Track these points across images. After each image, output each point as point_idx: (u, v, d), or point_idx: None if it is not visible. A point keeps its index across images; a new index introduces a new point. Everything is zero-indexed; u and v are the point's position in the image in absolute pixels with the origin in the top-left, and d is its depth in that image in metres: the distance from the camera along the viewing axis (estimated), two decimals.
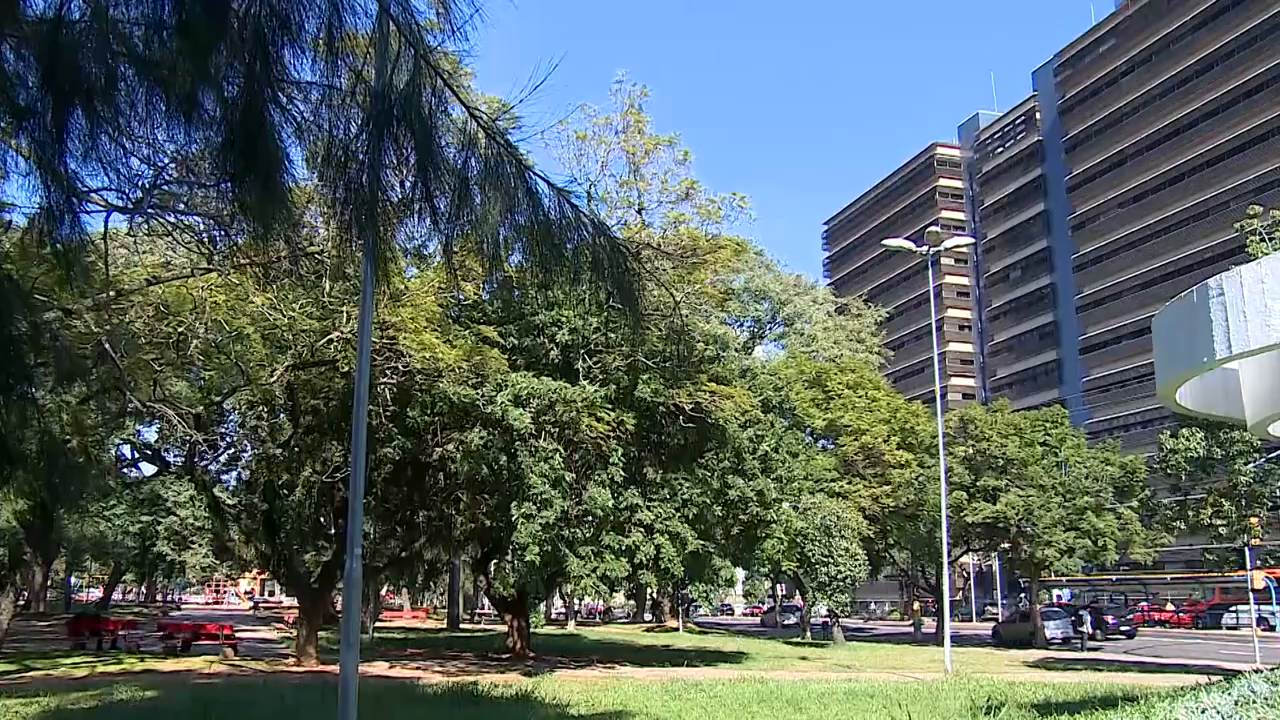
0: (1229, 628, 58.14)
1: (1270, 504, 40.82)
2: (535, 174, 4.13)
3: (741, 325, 68.20)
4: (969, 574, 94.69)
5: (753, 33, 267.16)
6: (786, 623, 73.25)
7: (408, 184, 4.09)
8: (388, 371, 23.72)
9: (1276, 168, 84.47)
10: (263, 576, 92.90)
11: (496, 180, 4.00)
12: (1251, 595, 46.64)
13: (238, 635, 34.70)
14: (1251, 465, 36.64)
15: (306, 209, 14.33)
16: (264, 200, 4.06)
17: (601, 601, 74.44)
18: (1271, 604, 48.03)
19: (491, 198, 3.99)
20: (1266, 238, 34.84)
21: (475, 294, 28.01)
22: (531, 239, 4.09)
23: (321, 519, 33.59)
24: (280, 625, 53.90)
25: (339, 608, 33.90)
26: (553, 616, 76.82)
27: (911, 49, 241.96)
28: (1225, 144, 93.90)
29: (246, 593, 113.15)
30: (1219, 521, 38.64)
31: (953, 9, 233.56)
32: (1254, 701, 9.17)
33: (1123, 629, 55.16)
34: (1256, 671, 11.85)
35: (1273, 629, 49.17)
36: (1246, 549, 42.36)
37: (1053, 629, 51.52)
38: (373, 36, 3.97)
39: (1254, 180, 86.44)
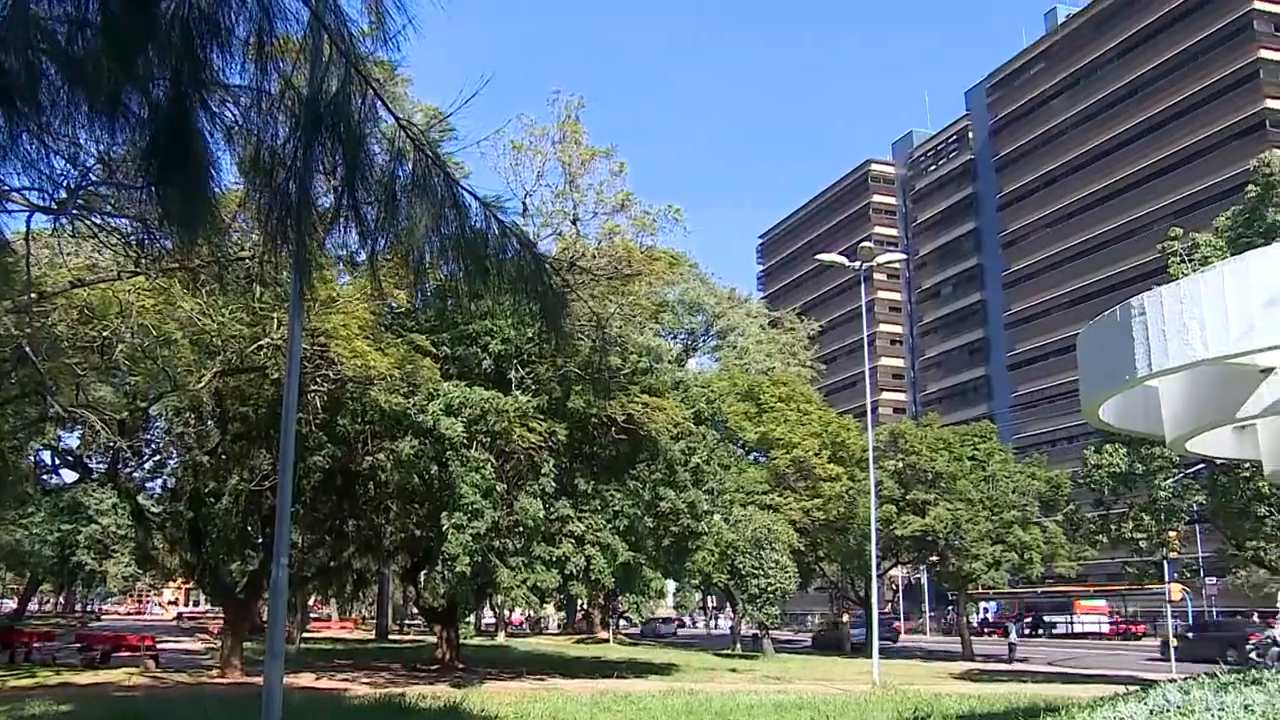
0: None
1: (1187, 518, 41.66)
2: (463, 187, 4.12)
3: (675, 338, 68.34)
4: (898, 586, 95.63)
5: (691, 47, 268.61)
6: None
7: (336, 193, 4.06)
8: (318, 379, 23.46)
9: (1198, 191, 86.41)
10: (187, 586, 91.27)
11: (424, 192, 3.97)
12: (1168, 607, 47.64)
13: (160, 646, 33.81)
14: (1170, 481, 37.34)
15: (238, 214, 14.16)
16: (191, 205, 4.00)
17: (532, 612, 74.10)
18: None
19: (419, 210, 3.96)
20: (1186, 259, 35.60)
21: (408, 302, 27.80)
22: (457, 252, 4.06)
23: (249, 528, 33.07)
24: (205, 636, 52.96)
25: (265, 618, 33.42)
26: (482, 627, 76.32)
27: (848, 66, 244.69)
28: (1150, 167, 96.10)
29: (170, 603, 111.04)
30: (1139, 535, 39.34)
31: (890, 29, 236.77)
32: (1168, 711, 9.36)
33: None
34: (1171, 681, 12.10)
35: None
36: (1165, 562, 43.21)
37: (857, 635, 54.92)
38: (304, 43, 3.93)
39: (1177, 203, 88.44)
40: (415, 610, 59.73)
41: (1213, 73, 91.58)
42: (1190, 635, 52.10)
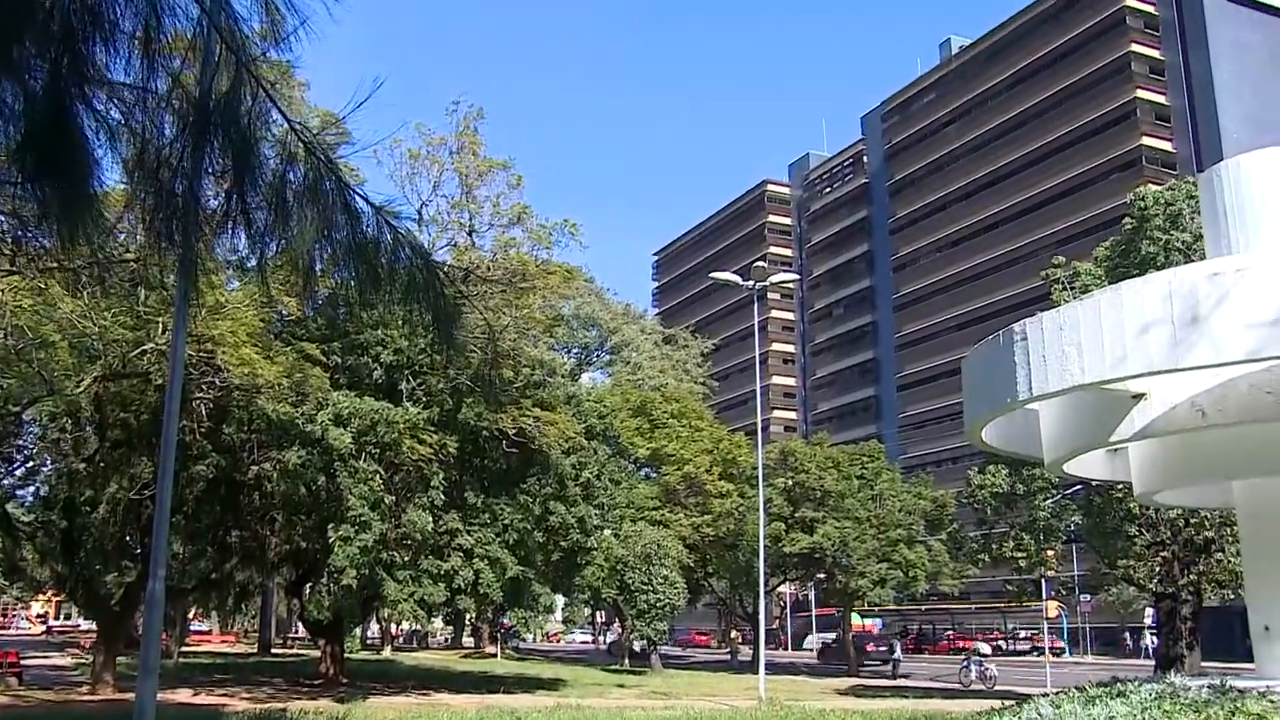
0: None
1: (1064, 538, 42.80)
2: (356, 192, 4.06)
3: (569, 352, 68.27)
4: (786, 603, 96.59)
5: (595, 64, 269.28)
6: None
7: (225, 196, 3.96)
8: (204, 386, 22.93)
9: (1080, 221, 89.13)
10: (58, 599, 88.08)
11: (316, 197, 3.90)
12: (1045, 623, 48.98)
13: (25, 663, 32.19)
14: (1049, 501, 38.32)
15: (125, 214, 13.77)
16: (71, 203, 3.88)
17: (419, 626, 73.19)
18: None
19: (310, 215, 3.89)
20: (1068, 287, 36.63)
21: (298, 310, 27.35)
22: (349, 258, 4.00)
23: (127, 538, 32.05)
24: (75, 651, 51.14)
25: (142, 632, 32.40)
26: (368, 641, 75.11)
27: (747, 88, 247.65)
28: (1036, 196, 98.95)
29: (39, 616, 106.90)
30: (1019, 554, 40.27)
31: (788, 53, 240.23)
32: None
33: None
34: (1043, 696, 12.42)
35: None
36: (1043, 580, 44.35)
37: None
38: (194, 41, 3.84)
39: (1061, 232, 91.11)
40: (299, 624, 58.63)
41: (1095, 109, 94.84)
42: (832, 645, 63.86)
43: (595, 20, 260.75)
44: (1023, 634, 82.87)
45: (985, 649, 49.77)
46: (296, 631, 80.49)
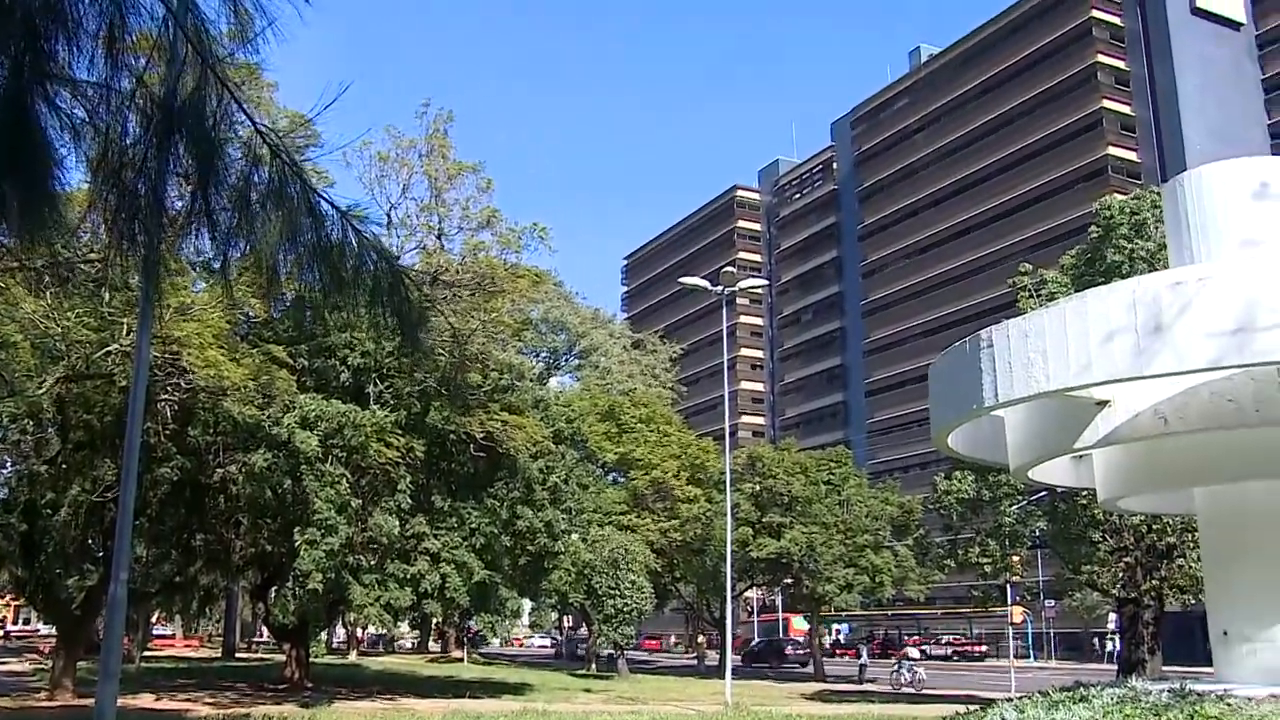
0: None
1: (1029, 544, 43.10)
2: (321, 196, 4.03)
3: (538, 356, 68.18)
4: (753, 608, 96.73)
5: (568, 69, 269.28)
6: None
7: (189, 197, 3.93)
8: (169, 388, 22.74)
9: (1048, 229, 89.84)
10: (17, 603, 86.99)
11: (280, 199, 3.87)
12: (1009, 629, 49.33)
13: None
14: (1015, 507, 38.58)
15: (88, 214, 13.65)
16: (32, 202, 3.83)
17: (386, 630, 72.84)
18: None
19: (274, 217, 3.86)
20: (1035, 294, 36.92)
21: (265, 312, 27.17)
22: (313, 262, 3.97)
23: (89, 541, 31.70)
24: (34, 656, 50.51)
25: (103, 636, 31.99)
26: (334, 645, 74.72)
27: (719, 94, 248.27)
28: (1004, 204, 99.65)
29: None
30: (985, 560, 40.50)
31: (759, 60, 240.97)
32: None
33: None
34: (1008, 700, 12.50)
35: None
36: (1008, 586, 44.64)
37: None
38: (159, 40, 3.81)
39: (1029, 239, 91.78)
40: (264, 628, 58.24)
41: (1062, 119, 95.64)
42: (756, 649, 69.11)
43: (569, 24, 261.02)
44: (944, 638, 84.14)
45: (914, 653, 51.37)
46: (261, 636, 79.92)
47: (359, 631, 75.71)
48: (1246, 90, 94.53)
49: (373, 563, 28.90)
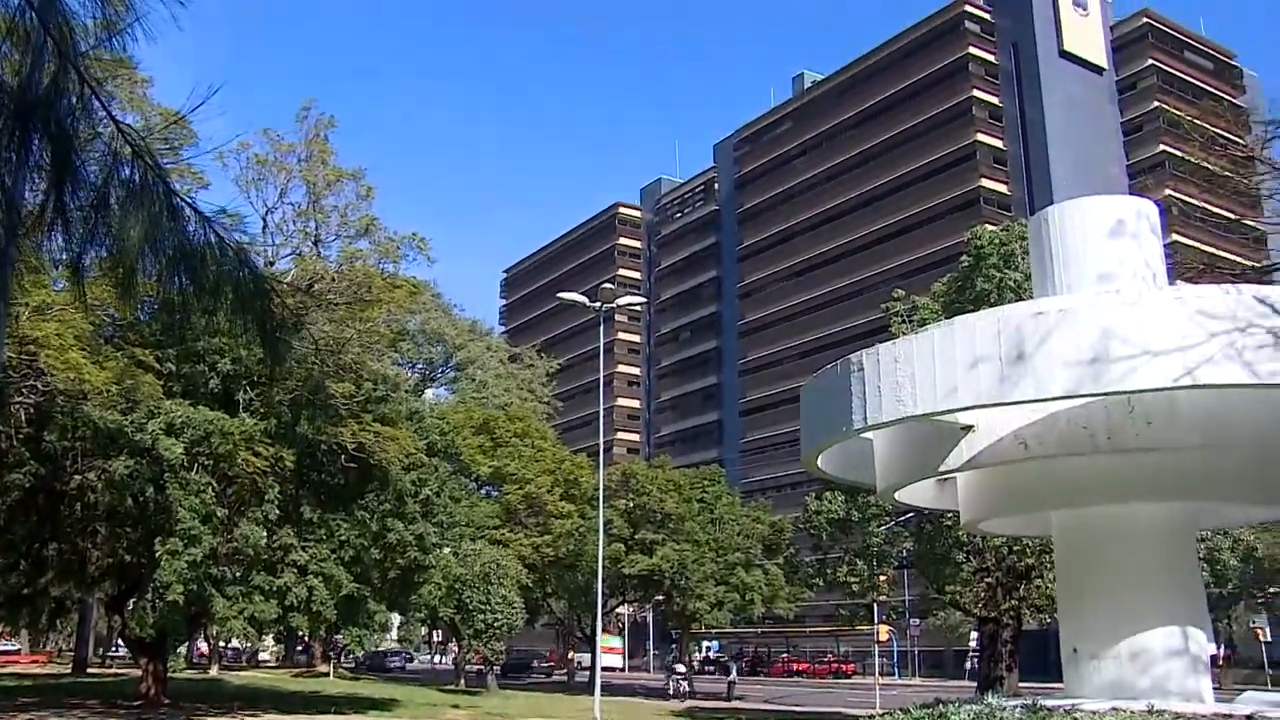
0: None
1: (896, 563, 44.03)
2: (184, 199, 3.92)
3: (413, 367, 67.37)
4: (624, 625, 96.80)
5: (454, 80, 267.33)
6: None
7: (44, 195, 3.78)
8: (24, 390, 21.91)
9: (922, 256, 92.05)
10: None
11: (140, 201, 3.76)
12: (875, 647, 50.34)
13: None
14: (883, 528, 39.39)
15: None
16: None
17: (250, 644, 70.99)
18: None
19: (133, 219, 3.74)
20: (907, 320, 37.79)
21: (131, 315, 26.36)
22: (173, 267, 3.86)
23: None
24: None
25: None
26: (195, 660, 72.49)
27: (605, 109, 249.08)
28: (880, 231, 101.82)
29: None
30: (853, 579, 41.24)
31: (647, 77, 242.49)
32: None
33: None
34: (870, 718, 12.76)
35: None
36: (875, 605, 45.52)
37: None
38: (13, 26, 3.68)
39: (903, 266, 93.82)
40: (120, 641, 56.27)
41: (937, 150, 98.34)
42: (510, 662, 67.76)
43: (456, 36, 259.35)
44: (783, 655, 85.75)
45: (681, 668, 53.32)
46: (117, 650, 77.23)
47: (221, 645, 73.57)
48: (1107, 131, 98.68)
49: (237, 574, 28.15)
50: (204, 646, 75.17)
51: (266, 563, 28.70)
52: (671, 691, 49.77)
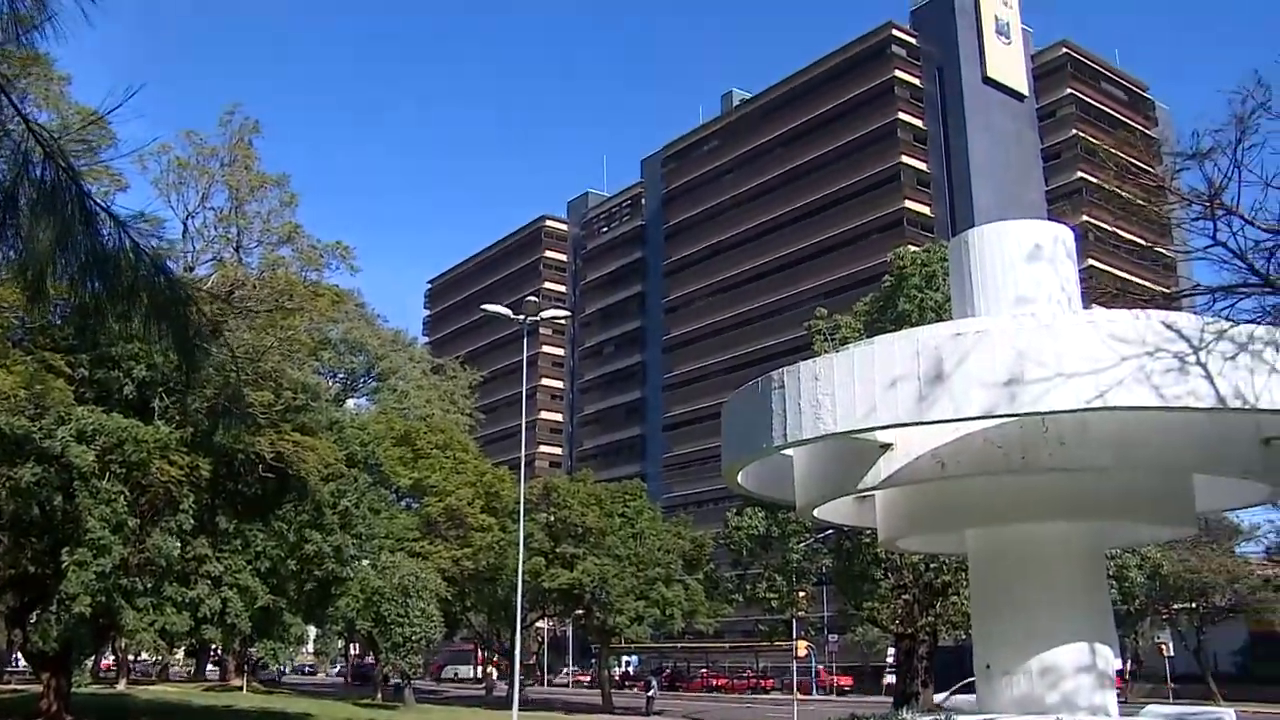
0: None
1: (815, 580, 44.39)
2: (97, 201, 3.83)
3: (335, 376, 66.57)
4: (543, 639, 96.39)
5: (383, 90, 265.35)
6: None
7: None
8: None
9: (846, 275, 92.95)
10: None
11: (52, 203, 3.66)
12: (794, 663, 50.65)
13: None
14: (802, 544, 39.71)
15: None
16: None
17: (160, 657, 69.49)
18: None
19: (44, 222, 3.64)
20: (829, 338, 38.20)
21: (42, 318, 25.73)
22: (84, 272, 3.76)
23: None
24: None
25: None
26: (102, 674, 70.73)
27: (533, 122, 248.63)
28: (805, 249, 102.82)
29: None
30: (772, 595, 41.52)
31: (577, 91, 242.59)
32: None
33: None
34: None
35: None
36: (794, 620, 45.83)
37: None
38: None
39: (827, 284, 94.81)
40: (20, 656, 54.72)
41: (863, 170, 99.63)
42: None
43: (390, 50, 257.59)
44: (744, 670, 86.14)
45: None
46: (17, 664, 75.00)
47: (130, 658, 71.90)
48: (1028, 156, 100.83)
49: (149, 586, 27.53)
50: (111, 660, 73.49)
51: (179, 574, 28.12)
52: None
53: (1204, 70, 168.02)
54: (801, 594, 43.48)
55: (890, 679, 59.13)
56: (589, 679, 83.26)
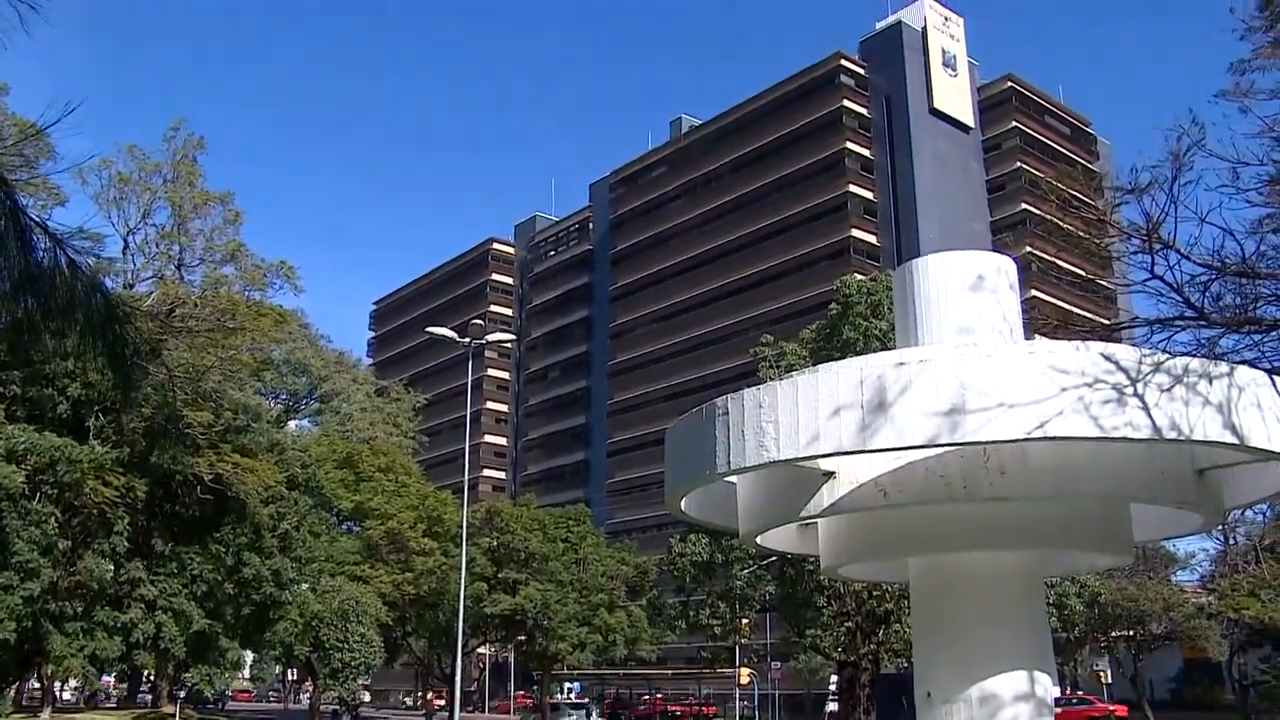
0: None
1: (759, 607, 44.41)
2: (31, 217, 3.74)
3: (277, 397, 65.77)
4: (485, 665, 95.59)
5: (330, 107, 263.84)
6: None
7: None
8: None
9: (792, 303, 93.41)
10: None
11: None
12: (737, 690, 50.63)
13: None
14: (746, 571, 39.72)
15: None
16: None
17: (89, 683, 67.93)
18: None
19: None
20: (775, 365, 38.36)
21: None
22: (17, 288, 3.66)
23: None
24: None
25: None
26: (25, 702, 69.02)
27: (479, 144, 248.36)
28: (752, 276, 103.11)
29: None
30: (715, 622, 41.48)
31: (527, 114, 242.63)
32: None
33: None
34: None
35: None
36: (737, 648, 45.82)
37: None
38: None
39: (773, 311, 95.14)
40: None
41: (810, 199, 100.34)
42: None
43: (344, 69, 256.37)
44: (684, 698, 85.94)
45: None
46: None
47: (58, 685, 70.27)
48: (973, 187, 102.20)
49: (79, 610, 27.02)
50: (37, 685, 71.75)
51: (112, 597, 27.67)
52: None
53: (1142, 109, 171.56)
54: (744, 621, 43.51)
55: (832, 706, 59.27)
56: (531, 704, 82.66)
